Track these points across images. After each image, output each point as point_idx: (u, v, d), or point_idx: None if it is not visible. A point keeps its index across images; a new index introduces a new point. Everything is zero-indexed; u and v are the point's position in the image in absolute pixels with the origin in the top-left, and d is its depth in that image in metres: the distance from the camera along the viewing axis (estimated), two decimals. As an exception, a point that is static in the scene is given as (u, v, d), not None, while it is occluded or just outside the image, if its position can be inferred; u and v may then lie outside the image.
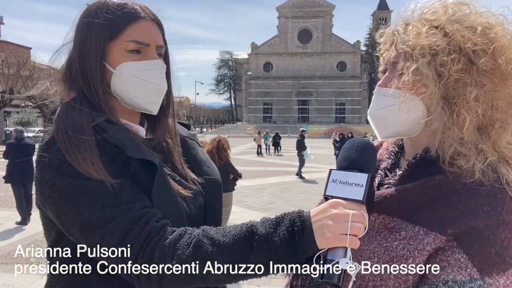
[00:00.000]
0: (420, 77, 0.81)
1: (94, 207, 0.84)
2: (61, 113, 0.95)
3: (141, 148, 0.95)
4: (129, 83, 0.97)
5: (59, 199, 0.86)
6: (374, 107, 0.91)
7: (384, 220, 0.84)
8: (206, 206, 1.07)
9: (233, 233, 0.80)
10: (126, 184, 0.88)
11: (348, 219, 0.72)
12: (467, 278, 0.72)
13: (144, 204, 0.88)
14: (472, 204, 0.76)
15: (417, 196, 0.82)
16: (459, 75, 0.79)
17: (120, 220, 0.83)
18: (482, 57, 0.79)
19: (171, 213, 0.92)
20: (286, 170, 15.36)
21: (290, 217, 0.78)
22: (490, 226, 0.74)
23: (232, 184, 5.77)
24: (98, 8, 0.98)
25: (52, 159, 0.87)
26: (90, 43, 0.96)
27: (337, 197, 0.76)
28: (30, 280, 4.53)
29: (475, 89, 0.79)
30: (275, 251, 0.76)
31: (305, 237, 0.74)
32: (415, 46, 0.82)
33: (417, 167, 0.87)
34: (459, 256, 0.74)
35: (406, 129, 0.88)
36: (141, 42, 0.97)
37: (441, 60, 0.79)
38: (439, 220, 0.77)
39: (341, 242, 0.71)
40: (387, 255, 0.79)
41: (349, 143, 0.85)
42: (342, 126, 48.75)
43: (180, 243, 0.81)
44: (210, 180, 1.11)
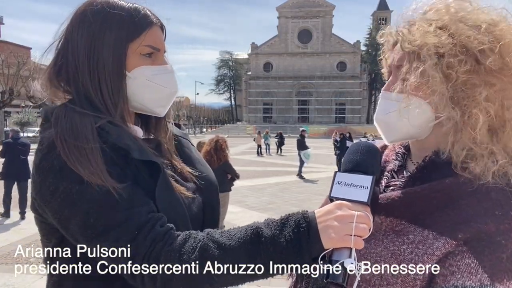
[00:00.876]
0: (427, 79, 0.79)
1: (100, 213, 0.82)
2: (59, 117, 0.90)
3: (144, 150, 0.94)
4: (144, 87, 0.97)
5: (62, 205, 0.83)
6: (380, 112, 0.90)
7: (391, 223, 0.82)
8: (204, 205, 1.06)
9: (238, 236, 0.80)
10: (131, 188, 0.86)
11: (353, 220, 0.73)
12: (477, 284, 0.69)
13: (149, 208, 0.87)
14: (484, 208, 0.74)
15: (426, 199, 0.80)
16: (467, 77, 0.77)
17: (127, 226, 0.82)
18: (489, 56, 0.77)
19: (174, 215, 0.91)
20: (286, 170, 15.36)
21: (295, 218, 0.78)
22: (501, 231, 0.72)
23: (229, 185, 5.77)
24: (109, 7, 0.95)
25: (54, 163, 0.84)
26: (107, 42, 0.94)
27: (342, 198, 0.77)
28: (30, 280, 4.53)
29: (484, 90, 0.77)
30: (281, 252, 0.76)
31: (311, 238, 0.75)
32: (422, 45, 0.80)
33: (426, 169, 0.85)
34: (469, 261, 0.71)
35: (413, 132, 0.86)
36: (155, 47, 0.98)
37: (448, 61, 0.78)
38: (449, 224, 0.75)
39: (346, 242, 0.72)
40: (395, 259, 0.77)
41: (354, 146, 0.87)
42: (342, 126, 48.73)
43: (185, 248, 0.80)
44: (206, 179, 1.11)
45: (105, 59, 0.94)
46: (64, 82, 0.98)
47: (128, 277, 0.83)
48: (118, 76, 0.95)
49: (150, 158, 0.93)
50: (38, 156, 0.88)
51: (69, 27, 0.97)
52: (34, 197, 0.90)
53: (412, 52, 0.82)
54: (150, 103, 1.00)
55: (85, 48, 0.94)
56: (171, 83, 1.01)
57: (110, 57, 0.94)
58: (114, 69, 0.94)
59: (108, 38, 0.94)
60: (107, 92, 0.95)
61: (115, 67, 0.94)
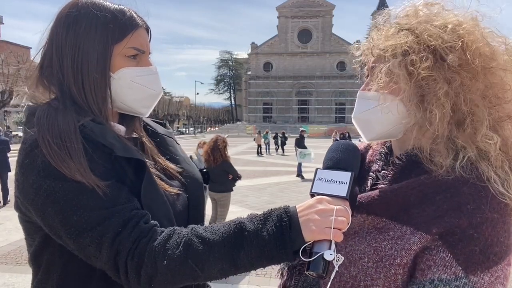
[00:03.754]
0: (392, 77, 0.83)
1: (83, 210, 0.82)
2: (42, 116, 0.90)
3: (128, 147, 0.94)
4: (127, 88, 0.98)
5: (45, 203, 0.83)
6: (357, 110, 0.94)
7: (373, 220, 0.85)
8: (189, 202, 1.07)
9: (222, 231, 0.81)
10: (115, 186, 0.87)
11: (333, 214, 0.77)
12: (452, 276, 0.73)
13: (133, 205, 0.88)
14: (456, 203, 0.77)
15: (404, 196, 0.83)
16: (428, 73, 0.80)
17: (110, 223, 0.83)
18: (451, 53, 0.80)
19: (159, 212, 0.92)
20: (286, 170, 15.36)
21: (278, 213, 0.81)
22: (473, 224, 0.75)
23: (231, 185, 5.76)
24: (94, 8, 0.95)
25: (37, 161, 0.84)
26: (92, 44, 0.94)
27: (323, 193, 0.81)
28: (30, 280, 4.52)
29: (444, 85, 0.80)
30: (264, 246, 0.78)
31: (292, 231, 0.78)
32: (386, 48, 0.85)
33: (405, 168, 0.88)
34: (444, 255, 0.75)
35: (390, 130, 0.89)
36: (139, 49, 0.99)
37: (411, 59, 0.81)
38: (425, 220, 0.78)
39: (326, 235, 0.76)
40: (377, 255, 0.81)
41: (334, 144, 0.91)
42: (342, 126, 48.69)
43: (169, 243, 0.81)
44: (191, 177, 1.12)
45: (89, 60, 0.94)
46: (49, 82, 0.98)
47: (113, 273, 0.84)
48: (102, 76, 0.96)
49: (135, 155, 0.93)
50: (22, 154, 0.88)
51: (53, 27, 0.97)
52: (17, 196, 0.90)
53: (379, 55, 0.87)
54: (134, 103, 1.01)
55: (70, 48, 0.95)
56: (155, 84, 1.03)
57: (94, 58, 0.94)
58: (98, 69, 0.95)
59: (93, 39, 0.94)
60: (91, 92, 0.95)
61: (99, 67, 0.95)
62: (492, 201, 0.77)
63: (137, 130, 1.09)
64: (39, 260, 0.95)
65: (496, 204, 0.77)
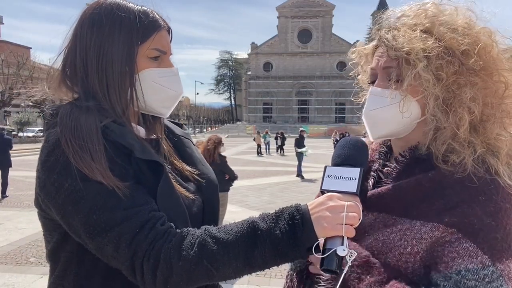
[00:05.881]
0: (420, 81, 0.84)
1: (103, 211, 0.83)
2: (65, 116, 0.91)
3: (147, 149, 0.95)
4: (149, 89, 0.99)
5: (66, 202, 0.84)
6: (370, 107, 0.93)
7: (384, 218, 0.86)
8: (204, 204, 1.08)
9: (235, 230, 0.82)
10: (134, 187, 0.88)
11: (344, 210, 0.77)
12: (480, 265, 0.73)
13: (151, 207, 0.88)
14: (468, 195, 0.79)
15: (412, 192, 0.84)
16: (455, 77, 0.82)
17: (128, 223, 0.84)
18: (472, 57, 0.81)
19: (175, 214, 0.92)
20: (286, 170, 15.36)
21: (289, 211, 0.82)
22: (489, 213, 0.76)
23: (228, 185, 5.76)
24: (118, 9, 0.96)
25: (59, 160, 0.85)
26: (117, 45, 0.95)
27: (333, 190, 0.82)
28: (30, 280, 4.53)
29: (469, 89, 0.81)
30: (277, 244, 0.79)
31: (305, 228, 0.79)
32: (410, 51, 0.84)
33: (409, 165, 0.89)
34: (467, 245, 0.75)
35: (399, 129, 0.90)
36: (162, 50, 1.00)
37: (436, 63, 0.82)
38: (435, 213, 0.80)
39: (338, 231, 0.77)
40: (386, 247, 0.82)
41: (342, 141, 0.93)
42: (342, 126, 48.69)
43: (184, 244, 0.82)
44: (207, 178, 1.12)
45: (114, 61, 0.95)
46: (72, 82, 0.99)
47: (129, 274, 0.85)
48: (127, 77, 0.96)
49: (153, 157, 0.94)
50: (44, 153, 0.89)
51: (77, 28, 0.98)
52: (38, 193, 0.91)
53: (401, 57, 0.86)
54: (156, 104, 1.02)
55: (94, 49, 0.95)
56: (176, 85, 1.03)
57: (119, 59, 0.95)
58: (123, 70, 0.96)
59: (117, 41, 0.95)
60: (115, 93, 0.96)
61: (124, 68, 0.96)
62: (503, 192, 0.78)
63: (157, 131, 1.10)
64: (57, 257, 0.97)
65: (506, 195, 0.79)
